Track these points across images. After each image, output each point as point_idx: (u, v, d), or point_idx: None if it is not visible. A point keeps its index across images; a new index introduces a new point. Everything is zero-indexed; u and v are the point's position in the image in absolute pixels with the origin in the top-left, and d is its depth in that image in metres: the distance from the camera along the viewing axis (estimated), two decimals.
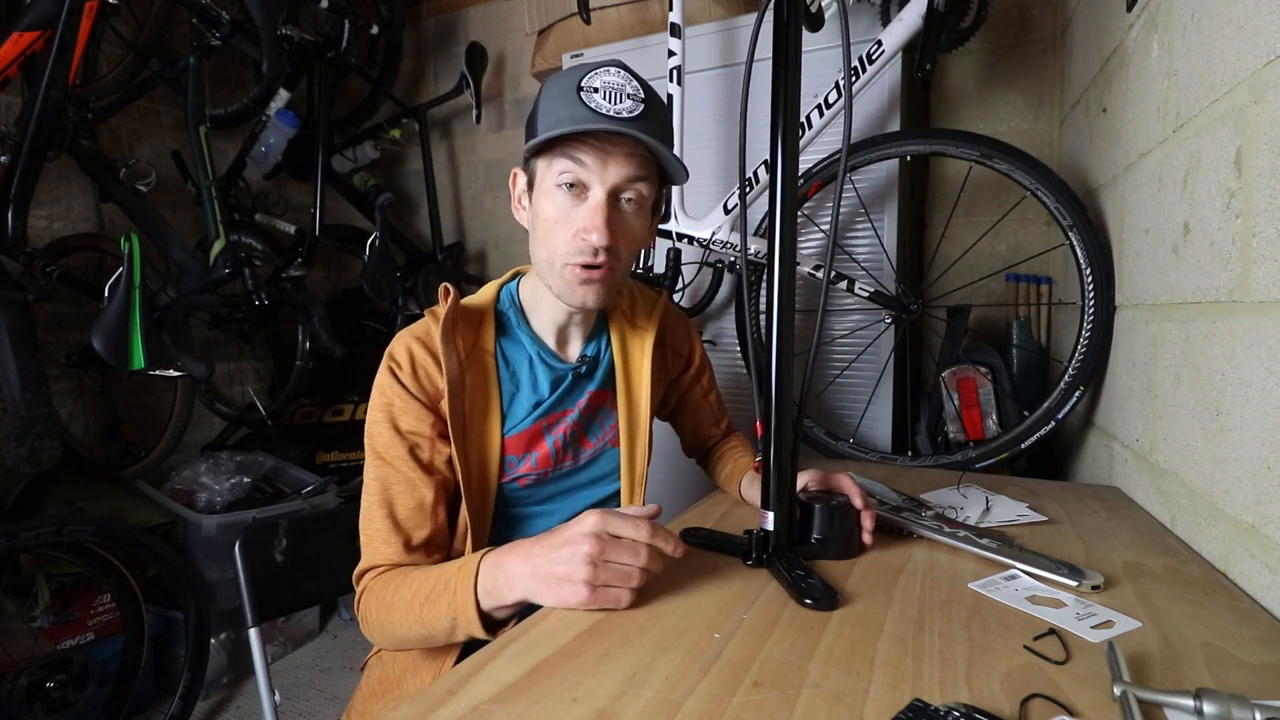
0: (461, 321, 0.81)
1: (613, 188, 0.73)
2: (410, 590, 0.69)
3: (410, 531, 0.75)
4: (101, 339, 1.44)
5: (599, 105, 0.70)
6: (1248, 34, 0.67)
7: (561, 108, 0.71)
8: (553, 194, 0.74)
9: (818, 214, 1.54)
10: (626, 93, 0.71)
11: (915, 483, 1.05)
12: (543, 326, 0.85)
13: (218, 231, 1.71)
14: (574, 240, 0.74)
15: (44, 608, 1.53)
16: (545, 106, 0.73)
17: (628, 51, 1.72)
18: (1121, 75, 1.09)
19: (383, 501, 0.75)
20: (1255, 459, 0.64)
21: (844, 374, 1.52)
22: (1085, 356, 1.14)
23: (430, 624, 0.67)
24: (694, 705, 0.45)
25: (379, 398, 0.77)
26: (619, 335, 0.91)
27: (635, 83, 0.73)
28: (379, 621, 0.72)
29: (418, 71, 2.58)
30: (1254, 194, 0.65)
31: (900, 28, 1.23)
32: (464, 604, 0.64)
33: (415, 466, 0.76)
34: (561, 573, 0.59)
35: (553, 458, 0.84)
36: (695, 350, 1.03)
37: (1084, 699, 0.46)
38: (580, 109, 0.70)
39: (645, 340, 0.91)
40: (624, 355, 0.90)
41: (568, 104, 0.70)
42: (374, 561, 0.75)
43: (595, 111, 0.69)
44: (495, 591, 0.63)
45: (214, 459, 1.94)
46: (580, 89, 0.71)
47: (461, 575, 0.66)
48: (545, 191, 0.74)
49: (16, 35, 1.37)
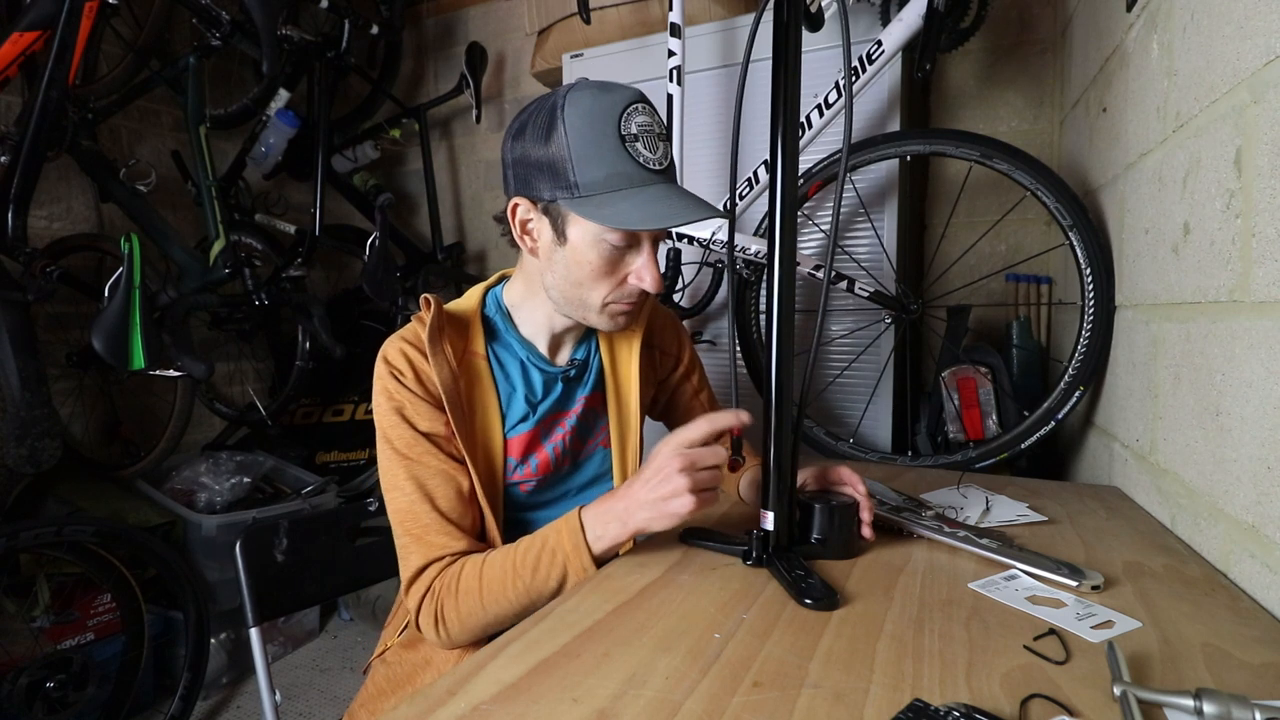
0: (449, 328, 0.80)
1: (654, 239, 0.77)
2: (501, 569, 0.70)
3: (459, 519, 0.75)
4: (101, 339, 1.44)
5: (646, 160, 0.71)
6: (1248, 34, 0.67)
7: (607, 160, 0.69)
8: (599, 246, 0.73)
9: (818, 214, 1.54)
10: (657, 134, 0.73)
11: (915, 483, 1.05)
12: (534, 333, 0.85)
13: (218, 231, 1.71)
14: (622, 286, 0.77)
15: (44, 608, 1.53)
16: (583, 152, 0.69)
17: (628, 51, 1.72)
18: (1121, 75, 1.09)
19: (423, 497, 0.74)
20: (1255, 459, 0.64)
21: (844, 374, 1.52)
22: (1085, 356, 1.14)
23: (536, 589, 0.69)
24: (694, 705, 0.45)
25: (388, 401, 0.77)
26: (606, 338, 0.91)
27: (656, 116, 0.74)
28: (466, 611, 0.71)
29: (418, 71, 2.58)
30: (1254, 194, 0.65)
31: (900, 28, 1.23)
32: (578, 553, 0.69)
33: (444, 458, 0.76)
34: (667, 491, 0.67)
35: (552, 463, 0.85)
36: (684, 349, 1.03)
37: (1084, 699, 0.46)
38: (631, 166, 0.70)
39: (632, 341, 0.91)
40: (611, 357, 0.91)
41: (613, 156, 0.69)
42: (432, 555, 0.74)
43: (646, 169, 0.71)
44: (606, 534, 0.69)
45: (214, 459, 1.94)
46: (623, 138, 0.70)
47: (566, 533, 0.70)
48: (589, 244, 0.73)
49: (16, 35, 1.37)
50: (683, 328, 1.04)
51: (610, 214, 0.69)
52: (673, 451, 0.68)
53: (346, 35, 1.97)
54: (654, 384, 1.00)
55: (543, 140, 0.71)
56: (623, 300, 0.78)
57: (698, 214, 0.71)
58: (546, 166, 0.71)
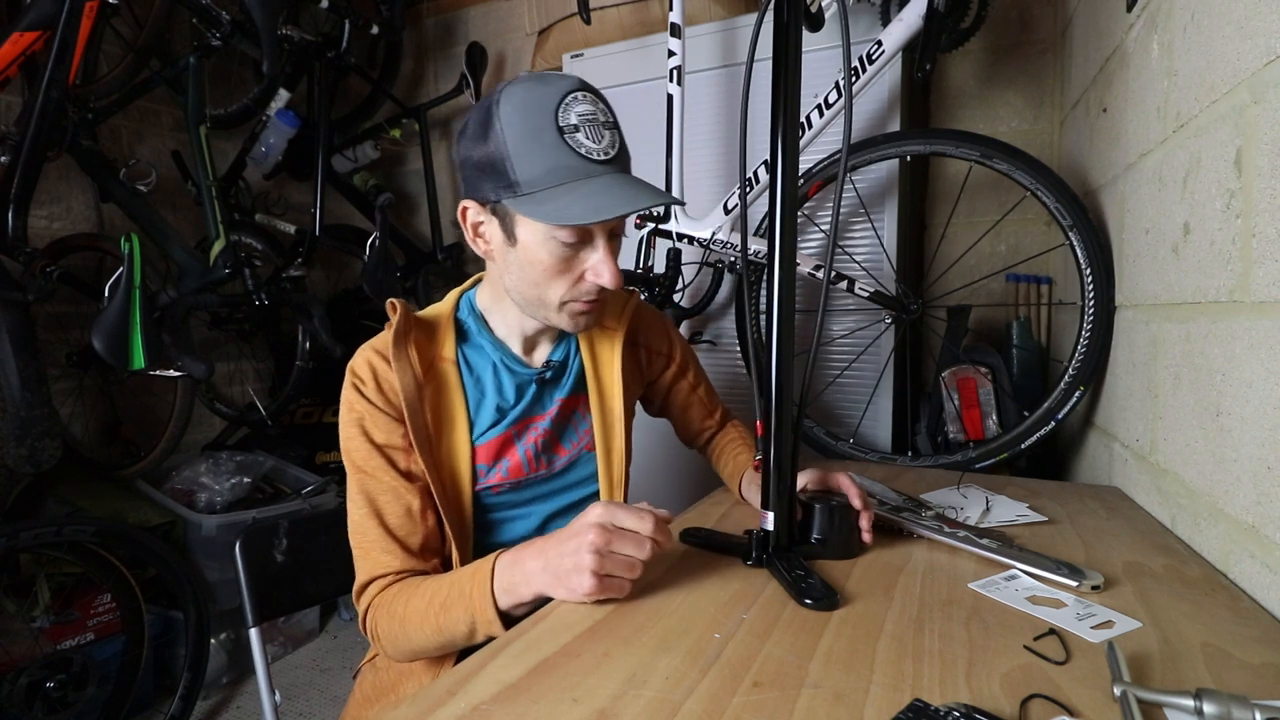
0: (418, 332, 0.79)
1: (610, 232, 0.74)
2: (423, 601, 0.68)
3: (404, 538, 0.74)
4: (101, 339, 1.44)
5: (589, 151, 0.67)
6: (1248, 34, 0.67)
7: (547, 151, 0.67)
8: (548, 244, 0.71)
9: (818, 214, 1.54)
10: (601, 122, 0.69)
11: (915, 483, 1.05)
12: (507, 334, 0.84)
13: (218, 231, 1.71)
14: (579, 284, 0.74)
15: (44, 608, 1.53)
16: (520, 146, 0.67)
17: (628, 51, 1.72)
18: (1121, 75, 1.09)
19: (371, 512, 0.74)
20: (1255, 459, 0.64)
21: (844, 374, 1.52)
22: (1085, 357, 1.14)
23: (448, 630, 0.67)
24: (694, 705, 0.45)
25: (349, 413, 0.76)
26: (587, 338, 0.89)
27: (601, 104, 0.70)
28: (392, 635, 0.71)
29: (418, 71, 2.58)
30: (1254, 194, 0.65)
31: (900, 28, 1.23)
32: (482, 605, 0.65)
33: (396, 475, 0.75)
34: (570, 564, 0.61)
35: (524, 467, 0.83)
36: (675, 346, 1.02)
37: (1084, 699, 0.46)
38: (572, 158, 0.67)
39: (615, 341, 0.90)
40: (593, 358, 0.89)
41: (552, 147, 0.66)
42: (375, 572, 0.74)
43: (589, 160, 0.67)
44: (512, 589, 0.64)
45: (214, 459, 1.94)
46: (561, 130, 0.66)
47: (477, 579, 0.66)
48: (540, 240, 0.71)
49: (16, 35, 1.37)
50: (671, 325, 1.03)
51: (551, 210, 0.67)
52: (595, 521, 0.62)
53: (346, 35, 1.97)
54: (642, 384, 0.99)
55: (481, 139, 0.69)
56: (581, 299, 0.75)
57: (646, 202, 0.68)
58: (487, 166, 0.69)
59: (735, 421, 1.10)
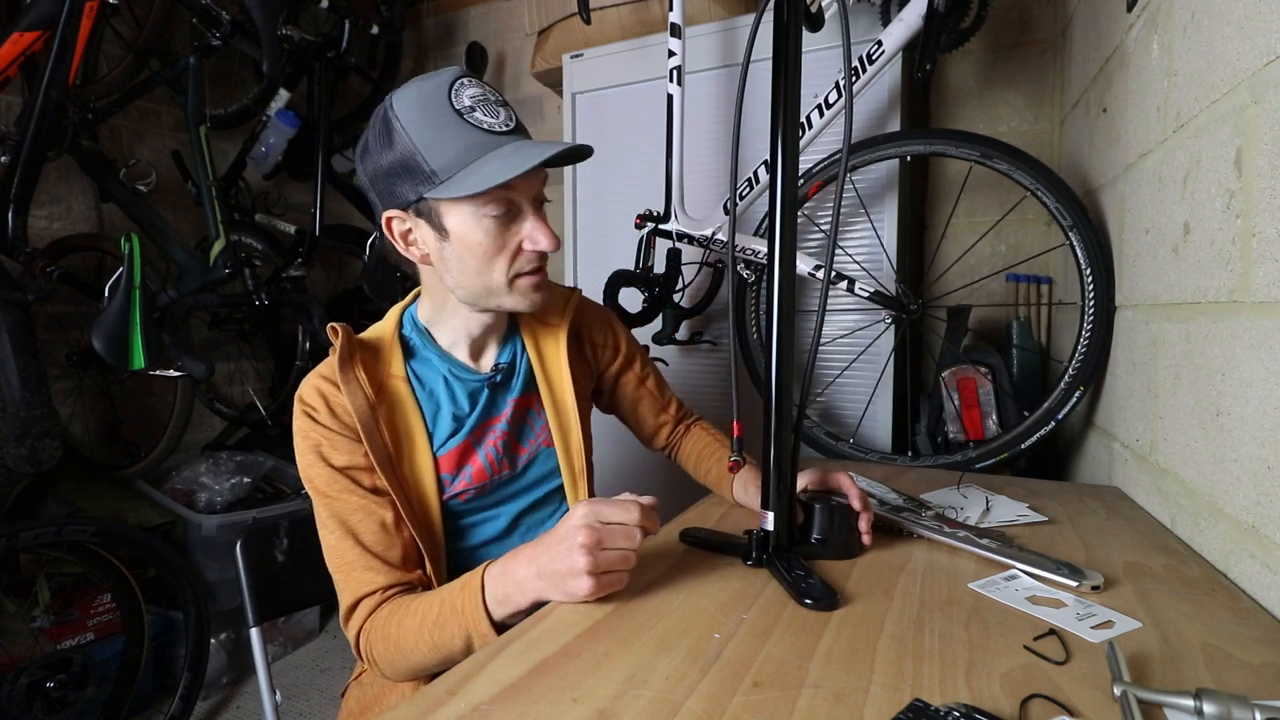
0: (363, 353, 0.79)
1: (533, 197, 0.75)
2: (415, 621, 0.68)
3: (383, 553, 0.74)
4: (101, 339, 1.44)
5: (490, 125, 0.70)
6: (1248, 34, 0.67)
7: (452, 135, 0.69)
8: (481, 223, 0.72)
9: (818, 214, 1.54)
10: (493, 101, 0.73)
11: (915, 483, 1.05)
12: (453, 343, 0.84)
13: (218, 231, 1.71)
14: (519, 256, 0.75)
15: (44, 608, 1.53)
16: (426, 138, 0.69)
17: (628, 51, 1.72)
18: (1121, 75, 1.09)
19: (346, 534, 0.73)
20: (1255, 459, 0.64)
21: (844, 374, 1.52)
22: (1085, 357, 1.14)
23: (444, 647, 0.66)
24: (694, 705, 0.45)
25: (304, 441, 0.75)
26: (531, 336, 0.90)
27: (487, 86, 0.74)
28: (389, 658, 0.70)
29: (418, 71, 2.57)
30: (1254, 194, 0.65)
31: (900, 28, 1.23)
32: (476, 619, 0.64)
33: (364, 493, 0.75)
34: (564, 568, 0.61)
35: (488, 470, 0.83)
36: (620, 337, 1.02)
37: (1084, 699, 0.46)
38: (477, 134, 0.69)
39: (559, 336, 0.90)
40: (539, 355, 0.89)
41: (456, 130, 0.69)
42: (360, 592, 0.72)
43: (493, 133, 0.70)
44: (507, 599, 0.64)
45: (214, 459, 1.94)
46: (459, 113, 0.69)
47: (467, 593, 0.66)
48: (470, 226, 0.72)
49: (16, 35, 1.37)
50: (615, 318, 1.03)
51: (473, 182, 0.68)
52: (581, 522, 0.62)
53: (346, 35, 1.97)
54: (591, 377, 0.99)
55: (386, 146, 0.71)
56: (525, 270, 0.76)
57: (557, 151, 0.70)
58: (399, 168, 0.70)
59: (705, 423, 1.08)
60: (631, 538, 0.62)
